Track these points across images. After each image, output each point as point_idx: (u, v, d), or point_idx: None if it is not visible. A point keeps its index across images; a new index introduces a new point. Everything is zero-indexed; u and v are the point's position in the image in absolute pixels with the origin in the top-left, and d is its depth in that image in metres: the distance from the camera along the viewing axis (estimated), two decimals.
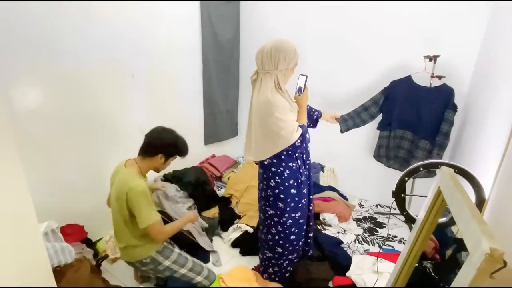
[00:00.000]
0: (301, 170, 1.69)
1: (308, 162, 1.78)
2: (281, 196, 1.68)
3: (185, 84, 2.77)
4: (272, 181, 1.68)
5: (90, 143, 2.07)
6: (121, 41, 2.12)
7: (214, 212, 2.51)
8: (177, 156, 1.66)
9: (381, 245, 2.30)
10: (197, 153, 3.04)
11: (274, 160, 1.65)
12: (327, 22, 2.64)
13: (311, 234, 2.00)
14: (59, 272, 1.52)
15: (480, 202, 1.44)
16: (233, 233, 2.35)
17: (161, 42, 2.43)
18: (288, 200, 1.69)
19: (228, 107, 3.27)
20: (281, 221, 1.73)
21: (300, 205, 1.73)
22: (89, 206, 2.13)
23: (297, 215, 1.74)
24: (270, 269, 1.91)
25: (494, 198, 1.36)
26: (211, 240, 2.32)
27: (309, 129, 1.79)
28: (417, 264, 1.30)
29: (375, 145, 2.57)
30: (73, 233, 2.01)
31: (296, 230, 1.78)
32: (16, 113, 1.71)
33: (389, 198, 1.76)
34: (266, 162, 1.68)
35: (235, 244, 2.28)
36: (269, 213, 1.76)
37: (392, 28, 2.39)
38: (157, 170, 1.67)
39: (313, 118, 1.95)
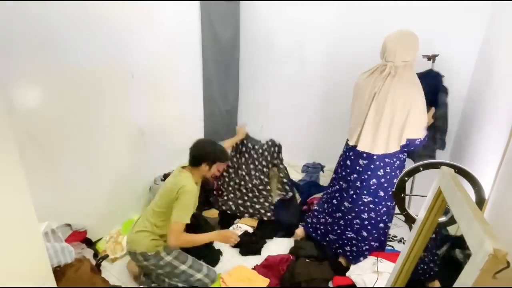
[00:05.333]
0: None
1: None
2: (385, 185, 1.69)
3: (185, 84, 2.77)
4: (381, 170, 1.67)
5: (90, 142, 2.07)
6: (121, 41, 2.11)
7: (214, 212, 2.51)
8: (219, 162, 1.88)
9: None
10: None
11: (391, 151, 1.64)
12: (327, 22, 2.63)
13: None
14: (59, 272, 1.52)
15: (480, 202, 1.44)
16: None
17: (161, 42, 2.43)
18: (389, 189, 1.69)
19: (228, 107, 3.26)
20: (377, 208, 1.74)
21: None
22: (89, 206, 2.13)
23: (392, 204, 1.74)
24: (348, 247, 1.92)
25: (494, 198, 1.37)
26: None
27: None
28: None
29: None
30: (73, 233, 2.00)
31: (386, 219, 1.77)
32: (15, 113, 1.70)
33: None
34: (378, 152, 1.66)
35: (235, 244, 2.27)
36: (366, 200, 1.75)
37: (391, 27, 2.39)
38: (204, 178, 1.96)
39: None
